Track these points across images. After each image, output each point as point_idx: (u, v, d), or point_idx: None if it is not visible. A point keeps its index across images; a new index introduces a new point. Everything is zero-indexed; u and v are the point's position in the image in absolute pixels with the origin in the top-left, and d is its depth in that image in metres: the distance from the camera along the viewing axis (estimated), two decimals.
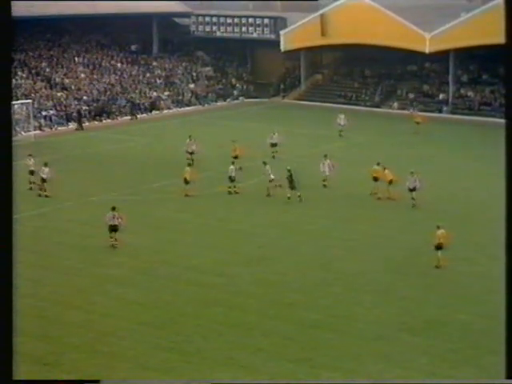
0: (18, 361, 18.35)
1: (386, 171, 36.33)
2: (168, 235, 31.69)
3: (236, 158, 40.16)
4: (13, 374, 10.77)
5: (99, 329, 22.59)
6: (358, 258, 29.01)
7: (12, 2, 10.95)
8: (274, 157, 43.80)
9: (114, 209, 30.03)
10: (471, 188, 39.41)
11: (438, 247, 27.35)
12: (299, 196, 35.10)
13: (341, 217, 34.21)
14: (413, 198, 34.57)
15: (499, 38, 52.33)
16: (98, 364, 20.35)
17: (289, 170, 35.47)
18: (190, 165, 35.86)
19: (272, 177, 36.26)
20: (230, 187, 37.52)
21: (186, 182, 36.42)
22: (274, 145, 44.57)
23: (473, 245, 30.23)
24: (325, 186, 37.93)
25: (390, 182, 35.86)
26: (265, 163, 37.15)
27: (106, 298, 24.98)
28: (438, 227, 27.56)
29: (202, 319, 23.25)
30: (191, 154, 42.78)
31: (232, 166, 37.63)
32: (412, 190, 34.66)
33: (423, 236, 29.38)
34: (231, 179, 37.37)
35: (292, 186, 35.10)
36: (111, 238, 30.01)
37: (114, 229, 29.93)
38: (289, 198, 35.21)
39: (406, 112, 58.98)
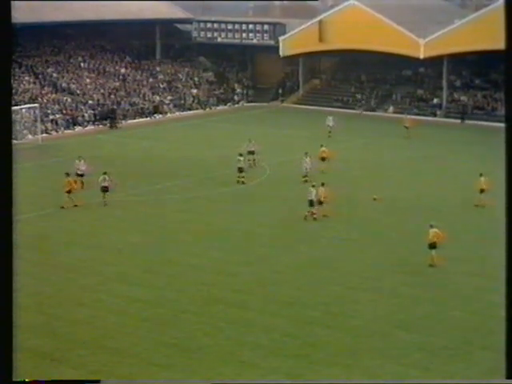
0: (26, 357, 19.09)
1: (323, 148, 42.38)
2: (171, 235, 32.06)
3: (106, 189, 36.55)
4: (17, 371, 10.90)
5: (104, 325, 22.89)
6: (355, 256, 29.40)
7: (17, 8, 11.25)
8: (254, 164, 43.72)
9: (105, 173, 36.09)
10: (464, 188, 39.79)
11: (432, 246, 27.67)
12: None
13: (337, 217, 34.41)
14: (312, 213, 33.72)
15: (491, 44, 53.67)
16: (103, 359, 20.64)
17: None
18: (313, 186, 34.12)
19: None
20: (238, 177, 39.84)
21: (312, 204, 33.85)
22: (251, 152, 43.93)
23: (465, 243, 30.58)
24: (306, 181, 38.37)
25: (323, 159, 42.27)
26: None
27: (110, 295, 25.31)
28: (431, 226, 27.87)
29: (204, 316, 23.57)
30: (81, 175, 38.54)
31: (241, 158, 39.83)
32: (312, 204, 33.66)
33: (417, 235, 29.69)
34: (240, 170, 39.65)
35: None
36: (103, 197, 35.81)
37: (105, 189, 36.00)
38: None
39: (400, 116, 59.45)
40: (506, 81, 11.18)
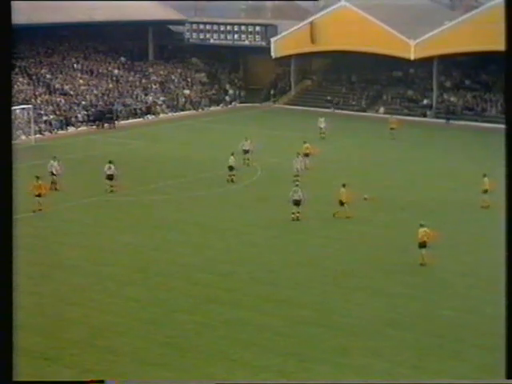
0: (19, 356, 19.09)
1: (307, 145, 44.05)
2: (164, 234, 32.19)
3: (111, 177, 38.12)
4: (14, 372, 10.89)
5: (98, 325, 22.99)
6: (347, 256, 29.60)
7: (13, 9, 10.96)
8: (247, 164, 44.18)
9: (110, 162, 38.01)
10: (455, 188, 40.00)
11: (422, 245, 27.80)
12: None
13: (330, 216, 34.65)
14: (298, 212, 33.71)
15: (481, 46, 54.63)
16: (96, 359, 20.68)
17: None
18: (344, 186, 34.22)
19: None
20: (229, 175, 40.51)
21: (342, 203, 34.14)
22: (246, 151, 44.38)
23: (456, 243, 30.74)
24: (297, 181, 38.51)
25: (306, 156, 43.28)
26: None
27: (104, 295, 25.42)
28: (421, 225, 28.01)
29: (197, 315, 23.70)
30: (55, 175, 38.82)
31: (232, 157, 40.54)
32: (297, 203, 33.74)
33: (408, 235, 29.76)
34: (230, 168, 40.37)
35: None
36: (109, 185, 37.63)
37: (110, 177, 37.64)
38: None
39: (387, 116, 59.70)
40: (506, 82, 11.29)
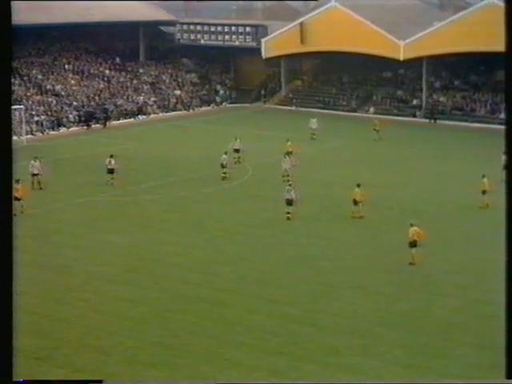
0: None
1: (289, 143, 44.59)
2: (155, 234, 32.24)
3: (112, 171, 39.78)
4: (12, 373, 10.86)
5: (89, 324, 23.06)
6: (337, 255, 29.74)
7: (13, 9, 10.97)
8: (239, 162, 44.63)
9: (111, 156, 39.46)
10: (446, 189, 40.20)
11: (412, 245, 27.89)
12: None
13: (321, 216, 34.93)
14: (289, 213, 33.93)
15: (470, 46, 55.08)
16: (87, 358, 20.73)
17: None
18: (358, 186, 34.25)
19: None
20: (223, 173, 40.97)
21: (356, 203, 34.06)
22: (236, 150, 44.97)
23: (446, 242, 30.86)
24: (288, 180, 38.09)
25: (290, 153, 43.08)
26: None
27: (96, 294, 25.49)
28: (411, 225, 28.13)
29: (188, 315, 23.78)
30: (36, 175, 38.87)
31: (225, 156, 41.18)
32: (289, 203, 34.00)
33: (399, 234, 29.80)
34: (223, 166, 40.93)
35: None
36: (109, 178, 39.08)
37: (110, 171, 39.11)
38: None
39: (381, 116, 59.82)
40: (506, 82, 11.43)
